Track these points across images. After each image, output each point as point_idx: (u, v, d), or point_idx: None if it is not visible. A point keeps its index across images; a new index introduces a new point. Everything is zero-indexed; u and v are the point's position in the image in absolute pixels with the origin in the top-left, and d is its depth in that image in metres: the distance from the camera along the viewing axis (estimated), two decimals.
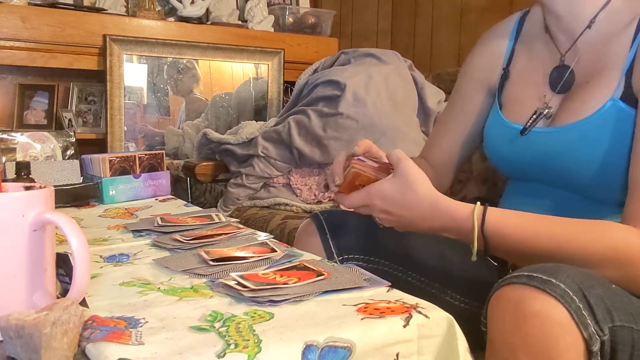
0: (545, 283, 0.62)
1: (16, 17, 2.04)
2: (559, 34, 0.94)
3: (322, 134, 1.79)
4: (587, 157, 0.85)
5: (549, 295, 0.61)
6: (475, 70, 1.08)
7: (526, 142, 0.93)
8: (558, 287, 0.62)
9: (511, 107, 0.99)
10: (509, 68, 1.03)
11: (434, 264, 1.01)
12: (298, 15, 2.74)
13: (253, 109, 2.66)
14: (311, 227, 1.00)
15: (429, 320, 0.63)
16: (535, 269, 0.65)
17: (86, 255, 0.56)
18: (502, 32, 1.06)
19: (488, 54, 1.06)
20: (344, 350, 0.57)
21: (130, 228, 1.01)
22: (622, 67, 0.84)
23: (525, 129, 0.92)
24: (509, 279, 0.66)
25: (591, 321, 0.62)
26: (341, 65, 2.02)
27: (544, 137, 0.90)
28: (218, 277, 0.73)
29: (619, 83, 0.84)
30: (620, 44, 0.86)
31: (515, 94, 1.00)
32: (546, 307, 0.61)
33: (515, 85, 1.01)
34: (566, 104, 0.90)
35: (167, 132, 2.52)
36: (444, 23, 2.65)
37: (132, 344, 0.54)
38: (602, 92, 0.85)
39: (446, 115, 1.15)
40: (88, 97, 2.40)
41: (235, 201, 1.91)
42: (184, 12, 2.41)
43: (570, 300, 0.61)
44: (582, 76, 0.90)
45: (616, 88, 0.84)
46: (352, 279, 0.73)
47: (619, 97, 0.83)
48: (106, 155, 1.30)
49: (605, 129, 0.83)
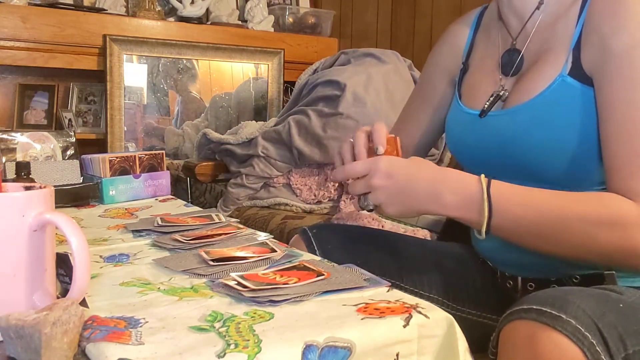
0: (556, 320, 0.61)
1: (16, 17, 2.04)
2: (511, 17, 0.95)
3: (322, 134, 1.79)
4: (540, 137, 0.84)
5: (560, 333, 0.60)
6: (440, 60, 1.10)
7: (484, 125, 0.93)
8: (569, 325, 0.61)
9: (469, 94, 1.00)
10: (468, 61, 1.04)
11: (429, 276, 1.00)
12: (298, 15, 2.74)
13: (253, 109, 2.66)
14: (300, 244, 0.99)
15: (429, 320, 0.63)
16: (543, 301, 0.64)
17: (86, 255, 0.56)
18: (464, 24, 1.08)
19: (450, 44, 1.08)
20: (344, 350, 0.57)
21: (130, 228, 1.01)
22: (569, 44, 0.85)
23: (483, 111, 0.92)
24: (519, 313, 0.65)
25: (605, 356, 0.61)
26: (341, 65, 2.02)
27: (499, 120, 0.91)
28: (218, 277, 0.73)
29: (566, 59, 0.84)
30: (566, 23, 0.87)
31: (472, 81, 1.01)
32: (559, 347, 0.60)
33: (472, 75, 1.02)
34: (517, 85, 0.91)
35: (167, 132, 2.52)
36: (443, 23, 2.65)
37: (132, 344, 0.54)
38: (551, 70, 0.85)
39: (412, 102, 1.16)
40: (88, 97, 2.40)
41: (235, 201, 1.91)
42: (184, 12, 2.41)
43: (582, 338, 0.60)
44: (531, 57, 0.91)
45: (564, 65, 0.84)
46: (352, 279, 0.73)
47: (567, 72, 0.84)
48: (106, 155, 1.30)
49: (556, 106, 0.83)
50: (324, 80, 1.89)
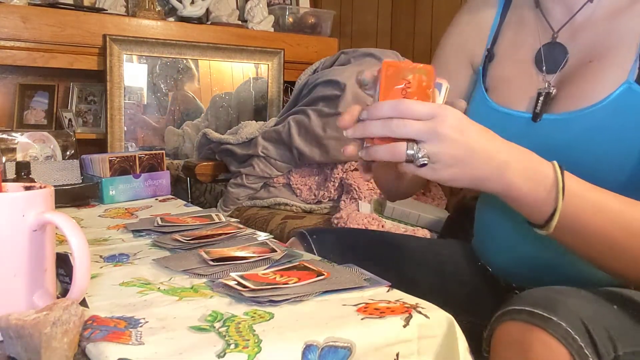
0: (547, 322, 0.61)
1: (16, 17, 2.04)
2: (554, 7, 0.86)
3: (322, 133, 1.79)
4: (601, 147, 0.76)
5: (550, 335, 0.60)
6: (458, 42, 0.97)
7: (532, 130, 0.81)
8: (559, 327, 0.61)
9: (499, 88, 0.89)
10: (494, 49, 0.92)
11: (430, 281, 0.98)
12: (298, 15, 2.74)
13: (253, 109, 2.66)
14: (298, 247, 0.95)
15: (429, 320, 0.63)
16: (535, 302, 0.64)
17: (86, 255, 0.56)
18: (489, 4, 0.95)
19: (473, 24, 0.96)
20: (344, 350, 0.57)
21: (130, 228, 1.01)
22: (636, 46, 0.76)
23: (536, 114, 0.81)
24: (511, 314, 0.64)
25: (594, 358, 0.61)
26: (341, 65, 2.02)
27: (551, 125, 0.80)
28: (218, 277, 0.73)
29: (633, 64, 0.76)
30: (629, 20, 0.78)
31: (502, 74, 0.90)
32: (548, 349, 0.60)
33: (501, 65, 0.91)
34: (567, 86, 0.81)
35: (167, 132, 2.52)
36: (443, 23, 2.65)
37: (132, 344, 0.54)
38: (614, 74, 0.76)
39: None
40: (88, 97, 2.40)
41: (235, 201, 1.91)
42: (184, 12, 2.41)
43: (572, 341, 0.60)
44: (580, 55, 0.82)
45: (631, 70, 0.75)
46: (352, 279, 0.73)
47: (634, 79, 0.75)
48: (106, 155, 1.30)
49: (621, 117, 0.74)
50: (324, 80, 1.89)
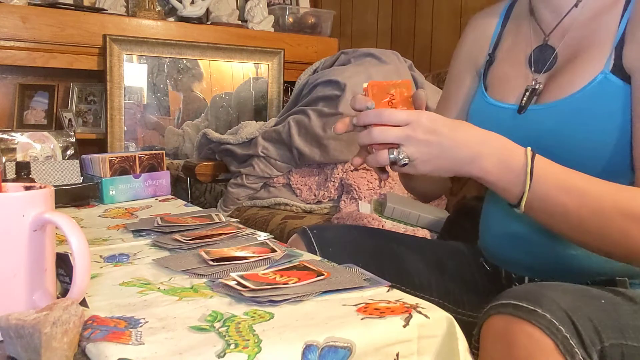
0: (531, 314, 0.62)
1: (16, 17, 2.04)
2: (545, 13, 0.93)
3: (322, 134, 1.79)
4: (579, 132, 0.82)
5: (535, 326, 0.61)
6: (465, 51, 1.07)
7: (518, 119, 0.90)
8: (543, 318, 0.62)
9: (496, 86, 0.97)
10: (495, 53, 1.01)
11: (429, 277, 1.00)
12: (298, 15, 2.74)
13: (253, 109, 2.66)
14: (299, 244, 0.98)
15: (429, 320, 0.63)
16: (520, 296, 0.65)
17: (86, 255, 0.56)
18: (492, 14, 1.05)
19: (476, 34, 1.06)
20: (344, 350, 0.57)
21: (130, 228, 1.01)
22: (612, 41, 0.83)
23: (521, 107, 0.89)
24: (497, 308, 0.65)
25: (579, 349, 0.62)
26: (341, 65, 2.02)
27: (535, 114, 0.88)
28: (218, 277, 0.73)
29: (609, 57, 0.82)
30: (609, 19, 0.85)
31: (499, 73, 0.98)
32: (533, 340, 0.61)
33: (499, 66, 0.99)
34: (552, 82, 0.88)
35: (167, 132, 2.52)
36: (443, 23, 2.65)
37: (132, 344, 0.54)
38: (592, 67, 0.83)
39: (441, 101, 1.13)
40: (88, 97, 2.40)
41: (235, 201, 1.91)
42: (184, 12, 2.41)
43: (556, 331, 0.61)
44: (567, 54, 0.89)
45: (606, 62, 0.82)
46: (352, 279, 0.73)
47: (609, 70, 0.82)
48: (106, 155, 1.30)
49: (597, 103, 0.81)
50: (324, 80, 1.89)
